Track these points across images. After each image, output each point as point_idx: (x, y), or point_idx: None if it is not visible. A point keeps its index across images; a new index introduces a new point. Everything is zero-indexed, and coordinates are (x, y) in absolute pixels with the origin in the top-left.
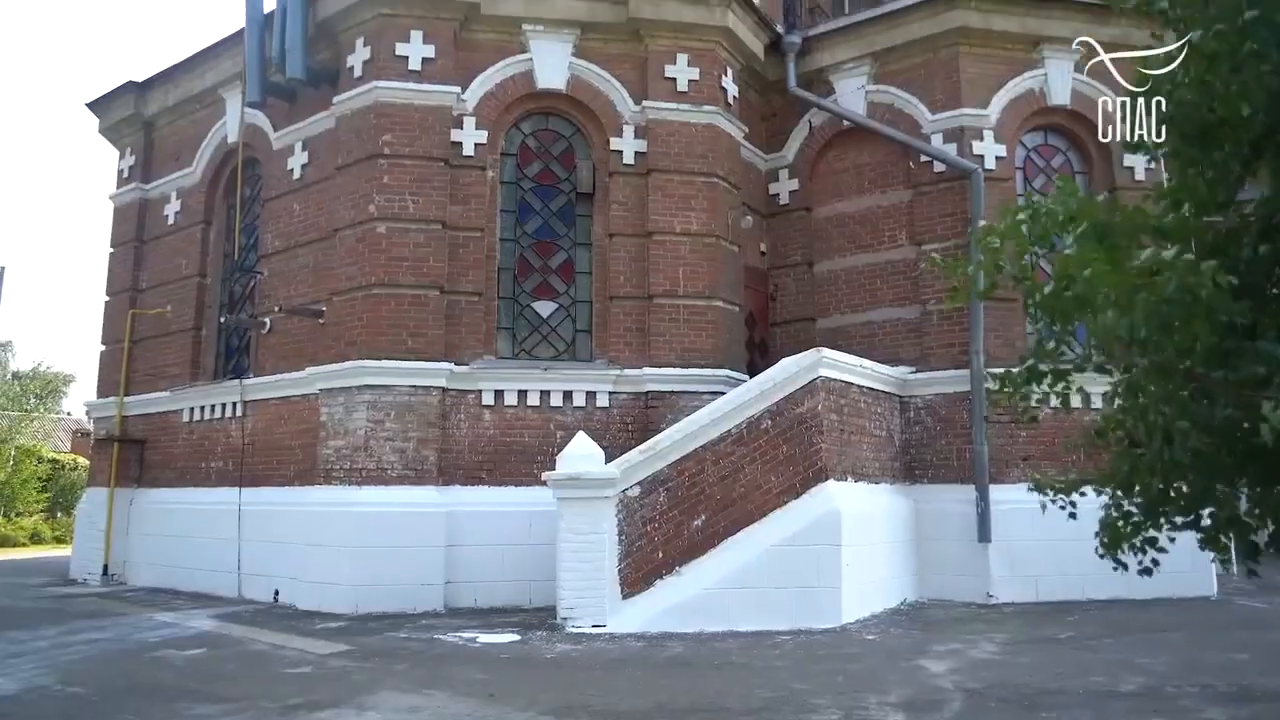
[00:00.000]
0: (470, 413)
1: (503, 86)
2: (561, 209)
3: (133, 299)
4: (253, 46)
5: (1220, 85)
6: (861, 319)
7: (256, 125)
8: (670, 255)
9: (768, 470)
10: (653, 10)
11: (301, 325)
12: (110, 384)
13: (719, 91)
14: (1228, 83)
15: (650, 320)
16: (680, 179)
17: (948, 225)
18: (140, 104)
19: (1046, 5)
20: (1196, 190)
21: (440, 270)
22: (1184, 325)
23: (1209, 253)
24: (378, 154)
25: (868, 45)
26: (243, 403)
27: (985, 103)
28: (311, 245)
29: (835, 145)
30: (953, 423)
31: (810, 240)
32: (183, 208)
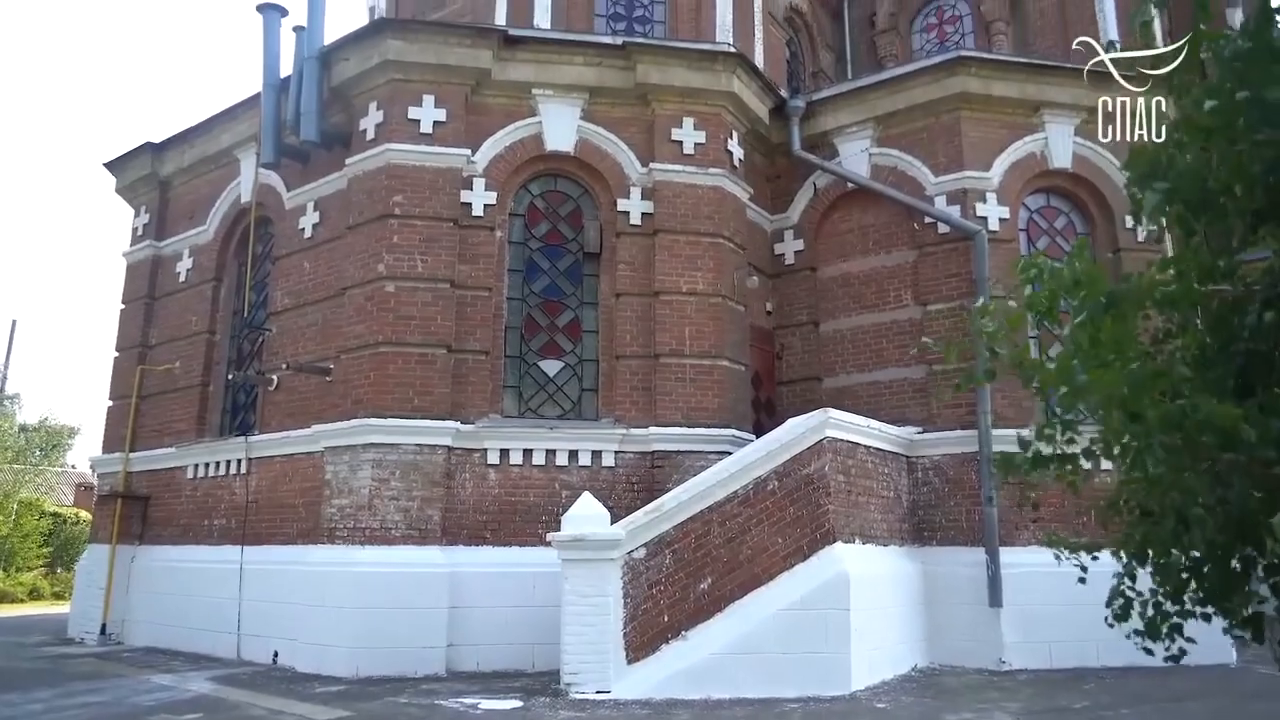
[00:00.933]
0: (475, 472)
1: (512, 149)
2: (569, 268)
3: (142, 355)
4: (269, 110)
5: (1217, 158)
6: (868, 378)
7: (270, 185)
8: (676, 315)
9: (774, 532)
10: (660, 76)
11: (308, 382)
12: (116, 439)
13: (725, 154)
14: (1224, 156)
15: (656, 379)
16: (686, 239)
17: (953, 286)
18: (157, 164)
19: (1045, 72)
20: (1200, 259)
21: (448, 329)
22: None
23: (1214, 321)
24: (388, 214)
25: (870, 110)
26: (248, 460)
27: (987, 165)
28: (320, 303)
29: (840, 206)
30: (961, 484)
31: (816, 300)
32: (194, 265)
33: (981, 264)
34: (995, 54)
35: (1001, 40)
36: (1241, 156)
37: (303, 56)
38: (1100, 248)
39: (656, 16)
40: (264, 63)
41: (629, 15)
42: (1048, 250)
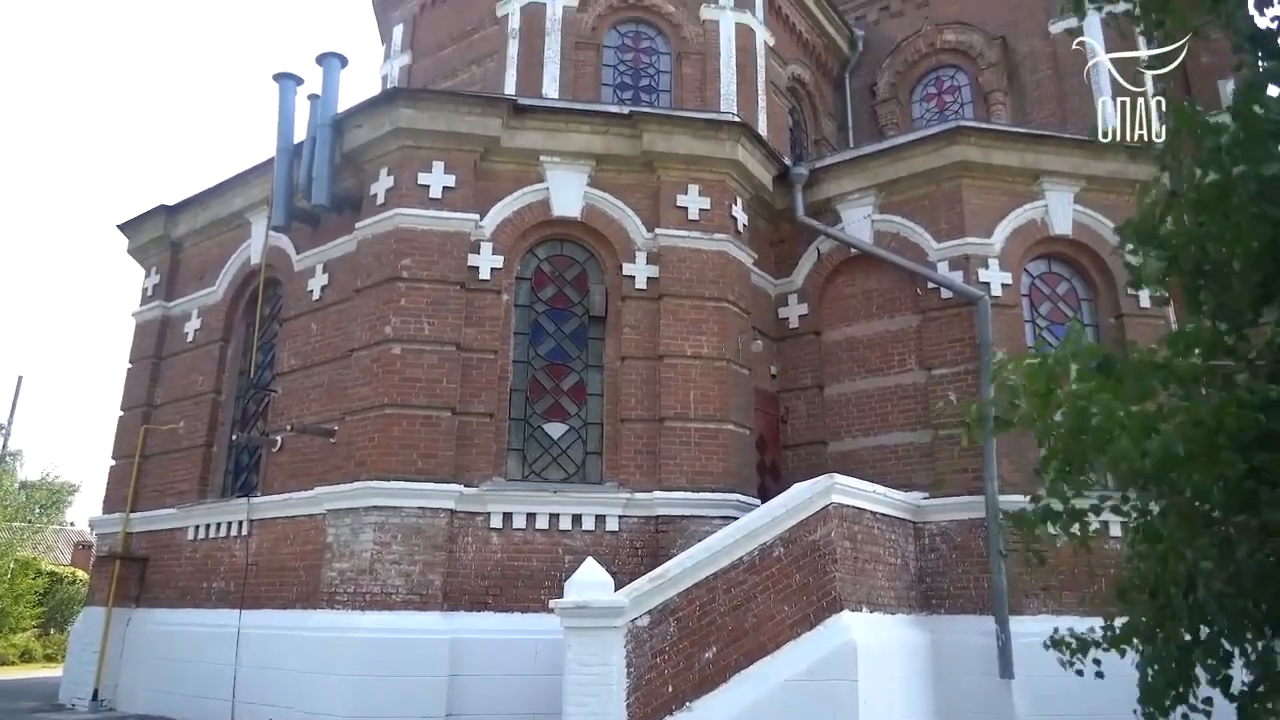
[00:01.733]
0: (478, 536)
1: (520, 214)
2: (574, 332)
3: (147, 414)
4: (281, 174)
5: (1216, 231)
6: (873, 443)
7: (280, 247)
8: (681, 378)
9: (780, 600)
10: (665, 144)
11: (312, 444)
12: (117, 500)
13: (729, 220)
14: (1223, 229)
15: (661, 443)
16: (691, 304)
17: (957, 350)
18: (169, 226)
19: (1043, 142)
20: (1204, 332)
21: (453, 391)
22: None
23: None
24: (396, 277)
25: (872, 177)
26: (249, 521)
27: (989, 232)
28: (326, 365)
29: (843, 271)
30: (969, 550)
31: (820, 364)
32: (203, 325)
33: (985, 329)
34: (994, 124)
35: (1000, 110)
36: (1240, 230)
37: (316, 123)
38: (1103, 313)
39: (662, 86)
40: (278, 129)
41: (635, 84)
42: (1050, 315)
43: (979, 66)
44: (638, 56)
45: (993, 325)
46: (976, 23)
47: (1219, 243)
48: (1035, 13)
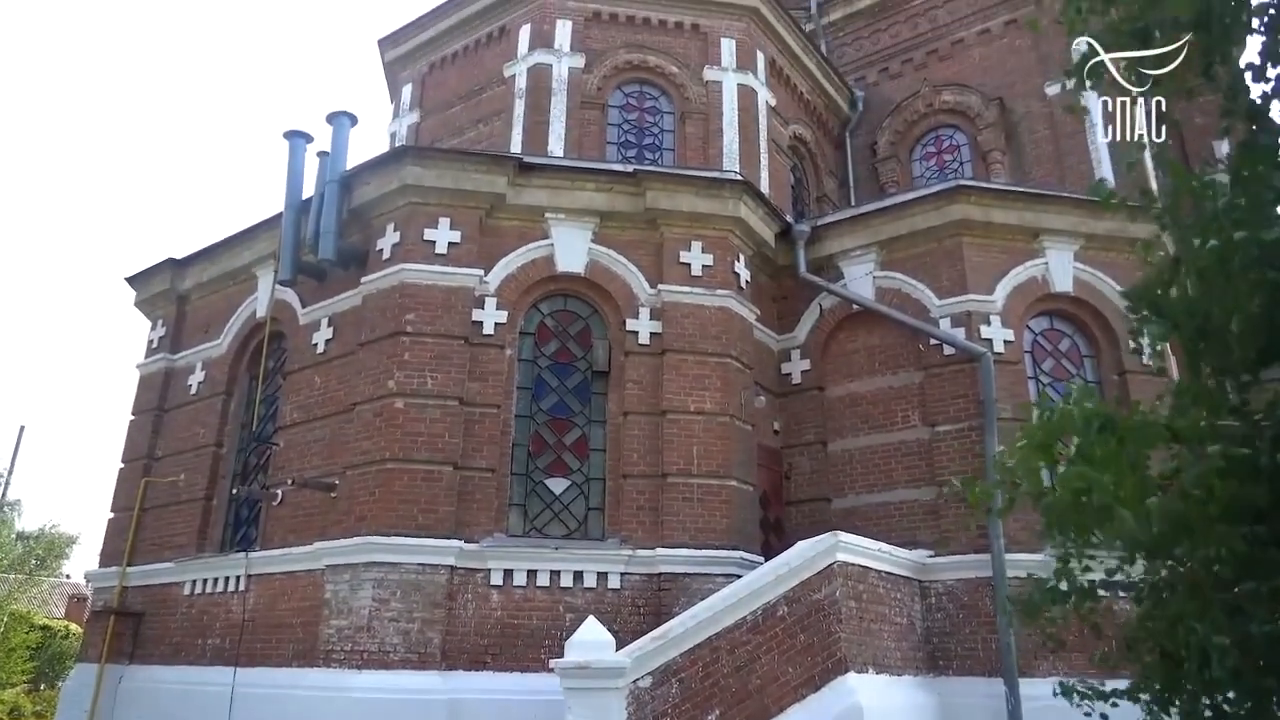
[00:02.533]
0: (478, 593)
1: (524, 269)
2: (577, 386)
3: (147, 467)
4: (289, 229)
5: (1216, 295)
6: (877, 499)
7: (285, 301)
8: (684, 434)
9: (785, 661)
10: (668, 202)
11: (313, 498)
12: (114, 553)
13: (732, 276)
14: (1222, 295)
15: (663, 499)
16: (694, 359)
17: (960, 407)
18: (177, 279)
19: (1042, 201)
20: (1207, 393)
21: (455, 446)
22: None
23: (1224, 459)
24: (400, 331)
25: (874, 235)
26: (246, 576)
27: (990, 289)
28: (329, 419)
29: (845, 327)
30: (976, 610)
31: (823, 419)
32: (206, 378)
33: (988, 386)
34: (993, 183)
35: (999, 168)
36: (1239, 293)
37: (325, 179)
38: (1106, 370)
39: (666, 144)
40: (287, 185)
41: (639, 143)
42: (1053, 372)
43: (977, 126)
44: (642, 116)
45: (996, 382)
46: (973, 84)
47: (1220, 307)
48: (1030, 75)
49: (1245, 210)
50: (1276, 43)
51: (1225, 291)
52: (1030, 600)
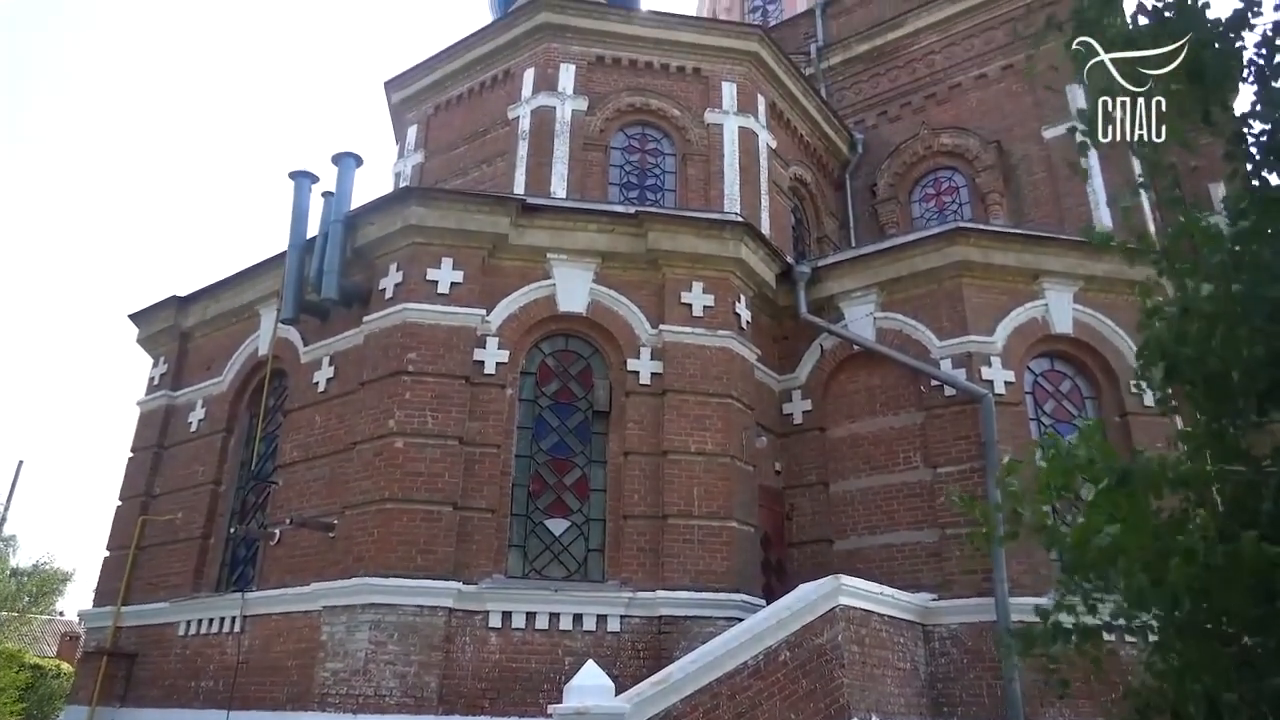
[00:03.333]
0: (476, 635)
1: (526, 309)
2: (578, 426)
3: (145, 505)
4: (293, 268)
5: (1218, 342)
6: (880, 541)
7: (287, 339)
8: (685, 475)
9: (787, 707)
10: (670, 243)
11: (311, 538)
12: (109, 592)
13: (733, 317)
14: (1226, 341)
15: (664, 540)
16: (695, 399)
17: (962, 448)
18: (180, 317)
19: (1041, 243)
20: (1212, 439)
21: (454, 486)
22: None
23: (1230, 504)
24: (401, 371)
25: (874, 275)
26: (242, 617)
27: (990, 330)
28: (328, 457)
29: (846, 367)
30: (980, 655)
31: (825, 460)
32: (207, 415)
33: (990, 427)
34: (992, 225)
35: (998, 210)
36: (1241, 342)
37: (329, 219)
38: (1107, 412)
39: (667, 185)
40: (292, 224)
41: (641, 184)
42: (1054, 413)
43: (975, 169)
44: (644, 157)
45: (997, 423)
46: (972, 127)
47: (1220, 356)
48: (1028, 119)
49: (1250, 266)
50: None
51: (1229, 339)
52: (1029, 634)
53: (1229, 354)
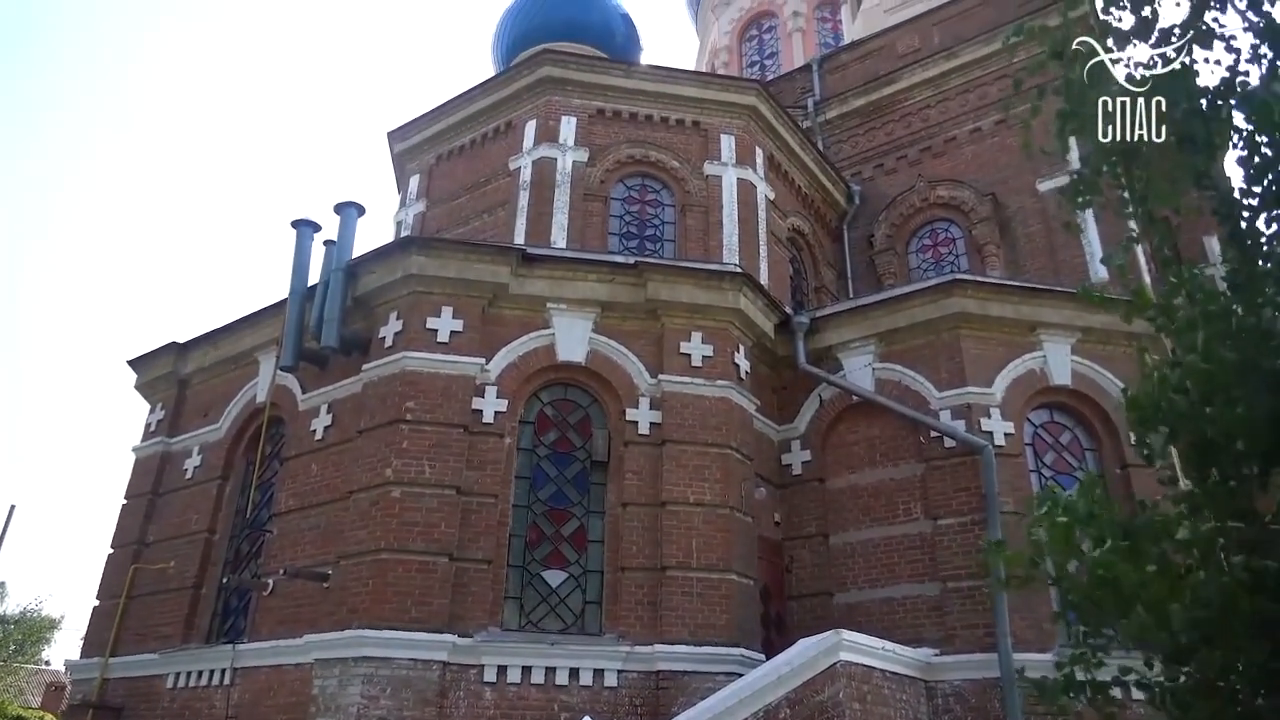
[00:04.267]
0: (470, 690)
1: (525, 359)
2: (576, 476)
3: (137, 553)
4: (293, 316)
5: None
6: (880, 595)
7: (286, 387)
8: (683, 526)
9: None
10: (669, 293)
11: (304, 589)
12: (97, 643)
13: (732, 367)
14: (1222, 411)
15: (662, 593)
16: (694, 450)
17: (962, 500)
18: (179, 363)
19: (1038, 295)
20: (1214, 499)
21: (451, 536)
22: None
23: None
24: (399, 419)
25: (872, 326)
26: (232, 670)
27: (989, 381)
28: (325, 506)
29: (846, 418)
30: (984, 712)
31: (825, 512)
32: (203, 462)
33: (990, 480)
34: (989, 277)
35: (994, 261)
36: (1239, 408)
37: (331, 268)
38: (1108, 464)
39: (667, 235)
40: (293, 272)
41: (640, 234)
42: (1055, 465)
43: (971, 220)
44: (643, 208)
45: (997, 475)
46: (967, 180)
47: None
48: (1023, 171)
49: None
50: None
51: (1228, 405)
52: (1042, 685)
53: (1229, 418)
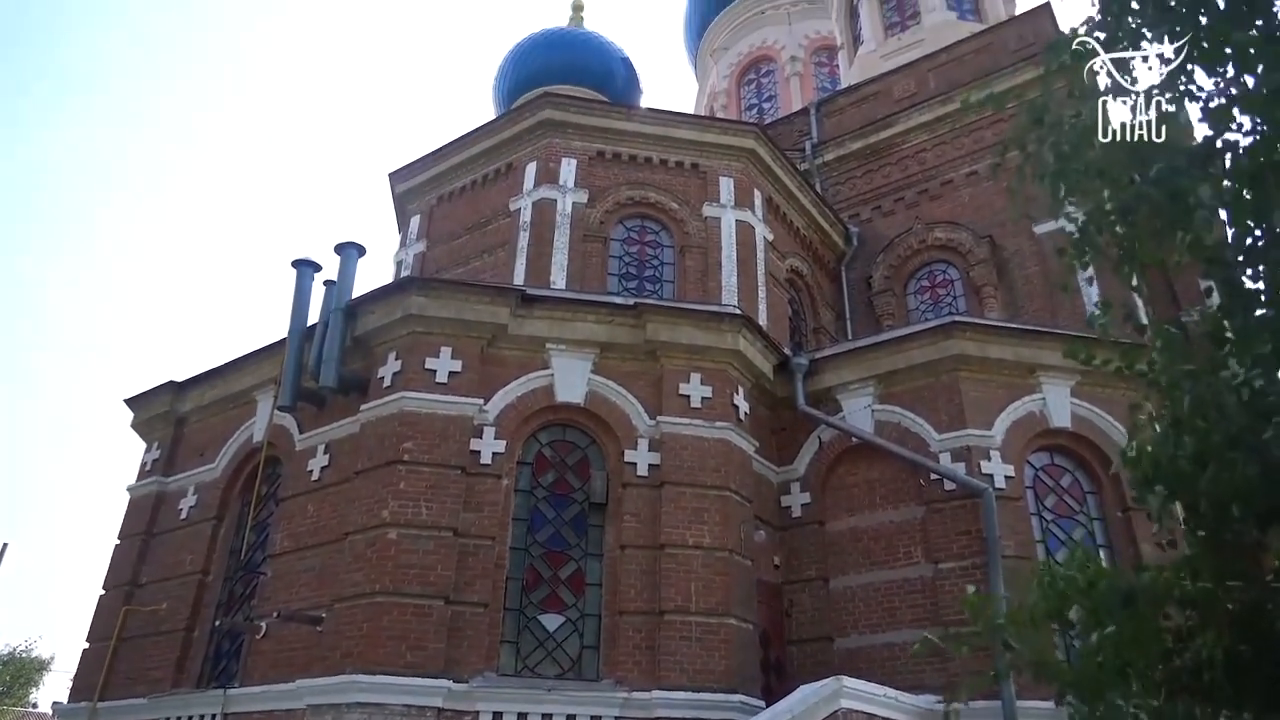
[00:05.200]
0: None
1: (523, 399)
2: (574, 518)
3: (129, 594)
4: (292, 355)
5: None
6: (881, 640)
7: (283, 426)
8: (682, 569)
9: None
10: (668, 334)
11: (298, 632)
12: (86, 687)
13: (731, 408)
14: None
15: (661, 638)
16: (693, 492)
17: (963, 544)
18: (176, 402)
19: (1036, 337)
20: (1214, 558)
21: (447, 579)
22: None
23: (1234, 623)
24: (397, 460)
25: (871, 368)
26: (223, 715)
27: (989, 424)
28: (320, 548)
29: (845, 460)
30: None
31: (825, 555)
32: (198, 502)
33: (991, 524)
34: (987, 319)
35: (992, 302)
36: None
37: (330, 308)
38: (1109, 507)
39: (666, 276)
40: (293, 312)
41: (640, 274)
42: (1056, 508)
43: (969, 262)
44: (643, 249)
45: (999, 518)
46: (964, 222)
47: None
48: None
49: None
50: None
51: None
52: None
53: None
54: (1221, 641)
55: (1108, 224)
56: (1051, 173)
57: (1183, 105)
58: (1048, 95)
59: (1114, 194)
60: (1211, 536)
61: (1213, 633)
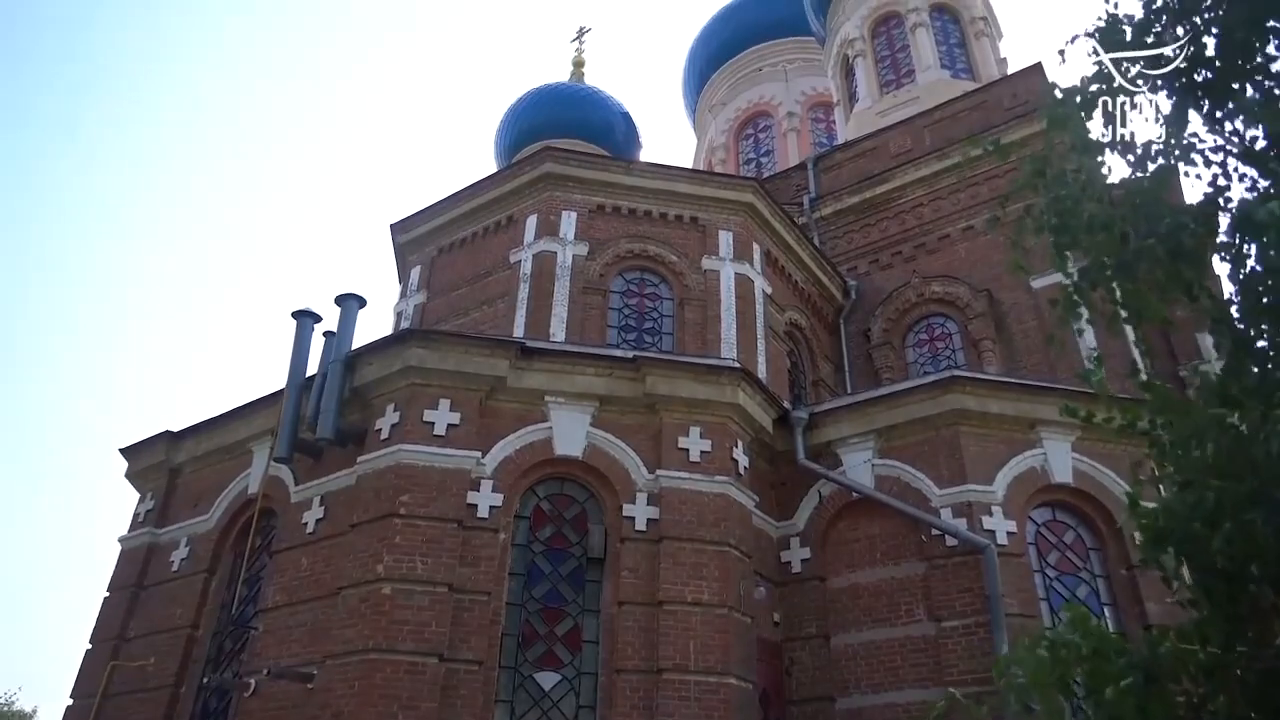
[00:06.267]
0: None
1: (521, 452)
2: (571, 573)
3: (116, 648)
4: (290, 407)
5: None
6: (884, 700)
7: (279, 478)
8: (681, 626)
9: None
10: (667, 388)
11: (288, 689)
12: None
13: (730, 462)
14: (1234, 530)
15: (659, 698)
16: (692, 547)
17: (966, 601)
18: (171, 452)
19: (1037, 392)
20: (1226, 623)
21: (441, 636)
22: None
23: (1252, 693)
24: (393, 513)
25: (870, 422)
26: None
27: (990, 479)
28: (313, 603)
29: (846, 515)
30: None
31: (825, 611)
32: (190, 555)
33: (994, 581)
34: (986, 374)
35: (990, 356)
36: (1251, 531)
37: (329, 359)
38: (1113, 564)
39: (665, 329)
40: (291, 363)
41: (639, 327)
42: (1058, 565)
43: (967, 316)
44: (642, 301)
45: (1001, 575)
46: (961, 276)
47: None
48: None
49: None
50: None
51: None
52: None
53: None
54: (1235, 711)
55: (1103, 279)
56: (1052, 226)
57: (1188, 159)
58: (1049, 148)
59: (1114, 248)
60: (1226, 599)
61: (1225, 702)
